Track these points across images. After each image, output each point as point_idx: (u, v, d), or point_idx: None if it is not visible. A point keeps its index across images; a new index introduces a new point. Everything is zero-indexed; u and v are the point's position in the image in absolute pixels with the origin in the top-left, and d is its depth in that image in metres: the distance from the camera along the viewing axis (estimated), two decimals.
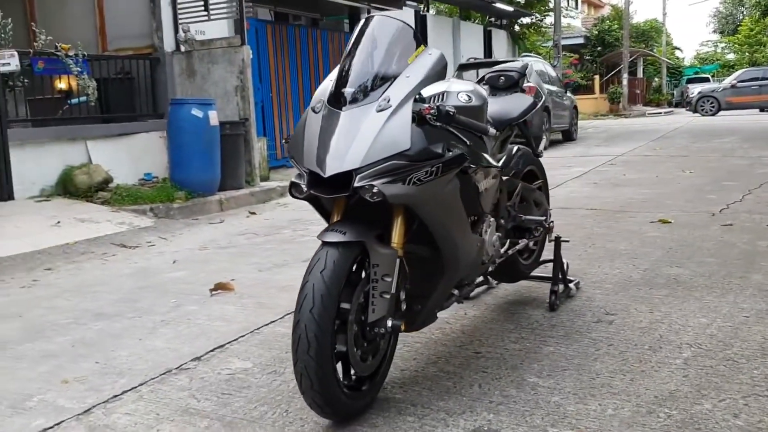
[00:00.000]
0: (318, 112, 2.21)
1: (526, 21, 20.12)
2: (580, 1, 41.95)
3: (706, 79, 33.52)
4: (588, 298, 3.45)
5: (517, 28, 19.89)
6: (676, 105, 33.55)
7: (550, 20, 20.47)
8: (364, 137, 2.09)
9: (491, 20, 18.61)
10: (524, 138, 3.16)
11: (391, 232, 2.20)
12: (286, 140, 2.34)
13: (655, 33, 36.39)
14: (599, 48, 31.02)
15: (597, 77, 28.92)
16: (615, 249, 4.44)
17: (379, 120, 2.10)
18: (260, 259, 4.73)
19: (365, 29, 2.27)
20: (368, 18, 2.30)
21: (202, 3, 8.10)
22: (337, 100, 2.18)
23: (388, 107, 2.12)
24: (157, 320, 3.44)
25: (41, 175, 6.85)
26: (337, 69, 2.25)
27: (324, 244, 2.10)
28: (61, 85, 7.79)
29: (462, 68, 12.65)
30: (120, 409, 2.41)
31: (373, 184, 2.04)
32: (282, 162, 9.88)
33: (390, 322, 2.18)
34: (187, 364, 2.81)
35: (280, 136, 10.10)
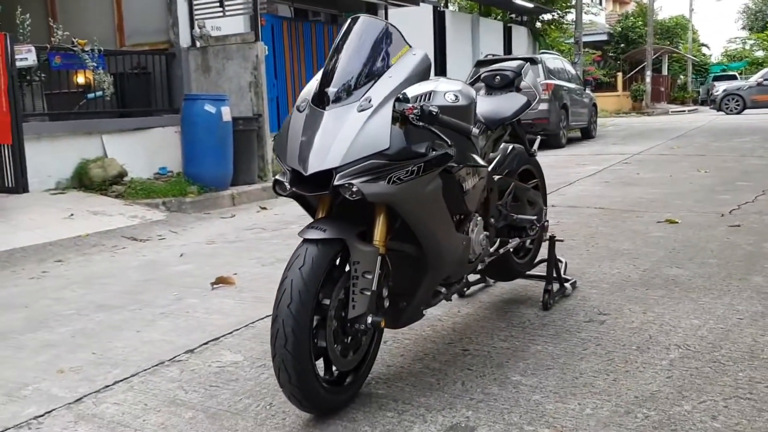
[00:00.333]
0: (302, 111, 2.24)
1: (547, 17, 20.00)
2: None
3: (734, 77, 33.00)
4: (583, 297, 3.45)
5: (538, 24, 19.77)
6: (701, 103, 33.14)
7: (571, 17, 20.30)
8: (344, 136, 2.12)
9: (511, 17, 18.52)
10: (518, 137, 3.17)
11: (373, 230, 2.24)
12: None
13: (680, 30, 35.91)
14: (623, 45, 30.71)
15: (620, 74, 28.64)
16: (617, 249, 4.43)
17: (360, 119, 2.13)
18: (264, 254, 4.79)
19: (351, 29, 2.30)
20: (354, 18, 2.33)
21: None
22: (320, 99, 2.22)
23: (369, 107, 2.15)
24: (157, 313, 3.51)
25: (57, 168, 6.99)
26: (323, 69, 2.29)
27: (304, 240, 2.14)
28: (79, 79, 7.93)
29: (479, 65, 12.60)
30: (110, 399, 2.47)
31: (353, 182, 2.08)
32: None
33: (370, 319, 2.21)
34: (180, 356, 2.87)
35: None
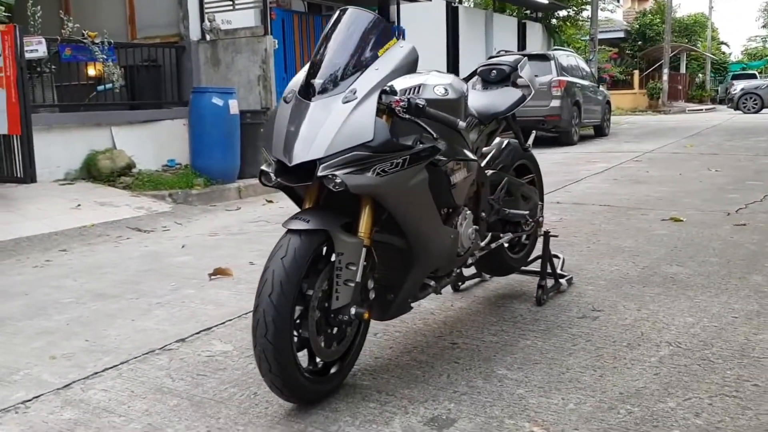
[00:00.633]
0: (289, 102, 2.25)
1: (563, 14, 19.87)
2: None
3: (753, 76, 32.60)
4: (578, 293, 3.43)
5: (553, 21, 19.65)
6: (719, 102, 32.78)
7: (587, 13, 20.15)
8: (329, 128, 2.12)
9: (526, 13, 18.42)
10: (512, 132, 3.16)
11: (359, 221, 2.24)
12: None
13: (699, 27, 35.55)
14: (640, 42, 30.45)
15: (636, 72, 28.40)
16: (618, 246, 4.40)
17: (345, 111, 2.13)
18: (266, 246, 4.75)
19: (339, 21, 2.31)
20: (342, 10, 2.33)
21: None
22: (307, 90, 2.22)
23: (354, 98, 2.15)
24: (153, 302, 3.54)
25: (66, 159, 7.05)
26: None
27: (287, 231, 2.15)
28: (90, 72, 7.99)
29: None
30: (98, 385, 2.50)
31: (336, 173, 2.08)
32: None
33: (354, 310, 2.22)
34: (171, 345, 2.89)
35: None
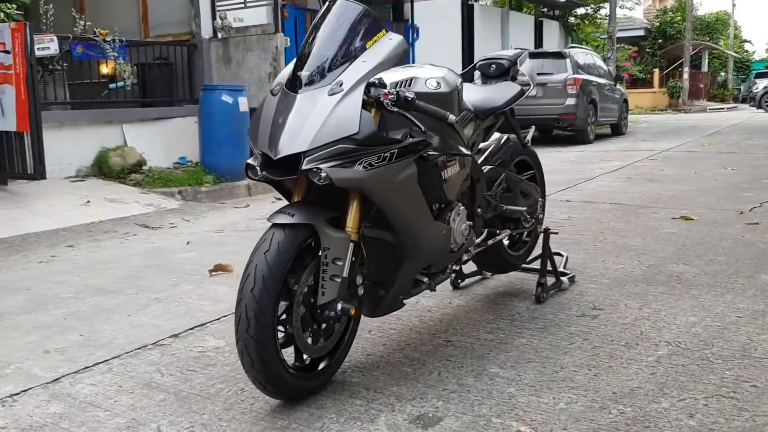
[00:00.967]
0: (276, 95, 2.22)
1: (581, 12, 19.69)
2: None
3: None
4: (580, 292, 3.37)
5: (571, 19, 19.48)
6: (742, 100, 32.31)
7: (606, 11, 19.96)
8: (314, 120, 2.09)
9: (543, 11, 18.28)
10: (510, 127, 3.11)
11: (346, 216, 2.21)
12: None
13: (721, 25, 35.07)
14: (660, 41, 30.09)
15: (656, 71, 28.08)
16: (625, 244, 4.33)
17: (330, 103, 2.10)
18: None
19: (327, 13, 2.28)
20: (331, 2, 2.30)
21: None
22: (294, 83, 2.19)
23: (339, 91, 2.12)
24: (151, 298, 3.53)
25: (78, 156, 7.10)
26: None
27: (272, 225, 2.12)
28: (103, 70, 8.04)
29: None
30: (87, 379, 2.49)
31: (320, 167, 2.05)
32: None
33: (340, 306, 2.18)
34: (164, 340, 2.88)
35: None
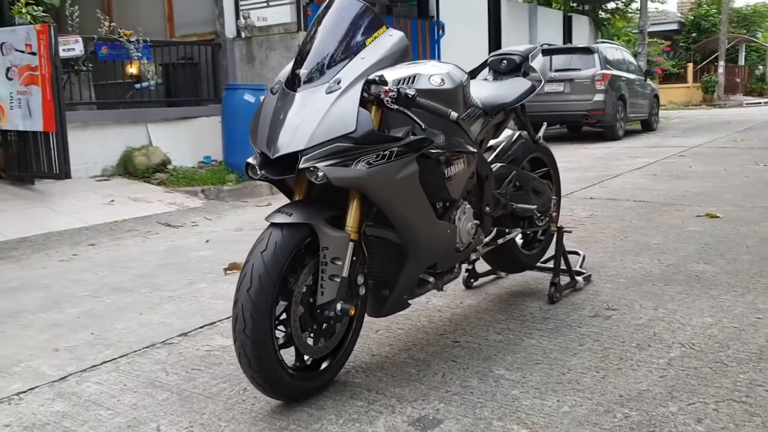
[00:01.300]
0: (275, 93, 2.21)
1: (611, 6, 19.39)
2: None
3: None
4: (595, 291, 3.31)
5: (601, 14, 19.18)
6: None
7: (636, 5, 19.61)
8: (311, 119, 2.07)
9: (572, 6, 18.03)
10: (521, 123, 3.05)
11: (345, 215, 2.19)
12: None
13: (759, 18, 34.20)
14: (694, 34, 29.47)
15: (690, 65, 27.52)
16: (646, 243, 4.24)
17: (328, 101, 2.08)
18: None
19: (327, 10, 2.25)
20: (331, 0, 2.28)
21: None
22: (293, 81, 2.18)
23: (337, 88, 2.09)
24: (165, 296, 3.55)
25: (103, 155, 7.21)
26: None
27: (270, 225, 2.11)
28: (131, 70, 8.15)
29: None
30: (93, 378, 2.51)
31: (317, 166, 2.03)
32: None
33: (339, 306, 2.16)
34: (172, 339, 2.89)
35: None
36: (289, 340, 2.18)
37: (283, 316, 2.15)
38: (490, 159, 2.98)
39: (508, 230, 2.96)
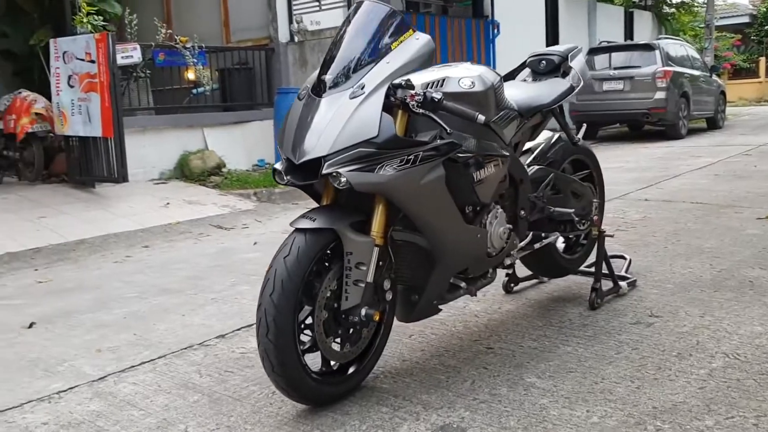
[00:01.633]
0: (302, 100, 2.22)
1: (676, 0, 18.77)
2: None
3: None
4: (639, 297, 3.20)
5: (665, 9, 18.60)
6: None
7: None
8: (335, 124, 2.08)
9: (634, 1, 17.54)
10: (559, 125, 2.98)
11: (371, 220, 2.18)
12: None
13: None
14: (767, 27, 28.25)
15: (763, 59, 26.39)
16: (699, 246, 4.08)
17: (351, 106, 2.08)
18: None
19: (353, 15, 2.26)
20: (358, 4, 2.28)
21: None
22: (319, 87, 2.18)
23: (361, 93, 2.09)
24: (208, 298, 3.63)
25: (161, 159, 7.41)
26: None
27: (294, 230, 2.13)
28: (190, 75, 8.36)
29: (592, 52, 12.08)
30: (130, 378, 2.58)
31: (340, 171, 2.03)
32: None
33: (364, 311, 2.16)
34: (210, 341, 2.95)
35: None
36: (315, 344, 2.18)
37: (309, 321, 2.16)
38: (528, 162, 2.93)
39: (544, 234, 2.90)
